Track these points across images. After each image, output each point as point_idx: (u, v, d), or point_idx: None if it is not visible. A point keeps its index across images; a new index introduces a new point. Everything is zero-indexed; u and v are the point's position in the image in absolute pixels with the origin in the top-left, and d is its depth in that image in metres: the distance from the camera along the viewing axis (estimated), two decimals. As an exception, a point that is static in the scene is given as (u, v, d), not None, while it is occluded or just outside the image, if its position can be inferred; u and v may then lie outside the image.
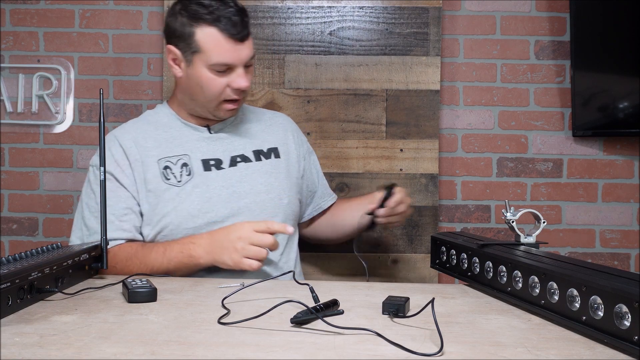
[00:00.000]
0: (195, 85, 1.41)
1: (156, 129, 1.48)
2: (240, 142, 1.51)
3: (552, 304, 0.91)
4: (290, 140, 1.59)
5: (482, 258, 1.14)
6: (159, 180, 1.41)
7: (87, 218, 1.41)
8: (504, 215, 1.21)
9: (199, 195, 1.40)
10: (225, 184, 1.43)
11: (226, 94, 1.41)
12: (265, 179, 1.47)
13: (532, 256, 1.03)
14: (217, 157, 1.46)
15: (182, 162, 1.43)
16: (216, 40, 1.35)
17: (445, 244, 1.29)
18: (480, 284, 1.14)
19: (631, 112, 1.96)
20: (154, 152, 1.44)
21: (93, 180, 1.43)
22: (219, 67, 1.37)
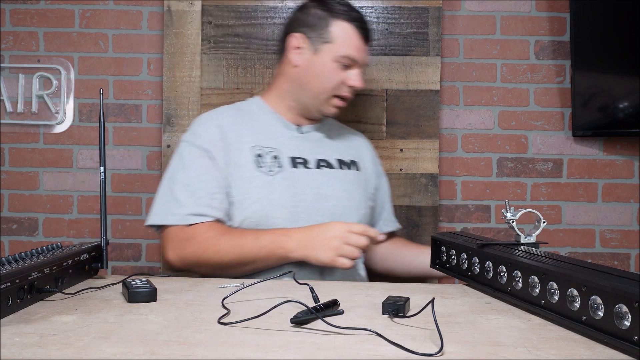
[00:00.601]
0: (314, 74, 1.46)
1: (250, 118, 1.50)
2: (325, 148, 1.54)
3: (552, 304, 0.91)
4: (367, 158, 1.63)
5: (482, 258, 1.13)
6: (252, 167, 1.42)
7: (176, 191, 1.39)
8: (504, 215, 1.21)
9: (288, 188, 1.42)
10: (311, 183, 1.45)
11: (340, 89, 1.46)
12: (347, 187, 1.50)
13: (532, 256, 1.03)
14: (305, 157, 1.49)
15: (273, 154, 1.45)
16: (350, 35, 1.44)
17: (445, 244, 1.29)
18: (480, 284, 1.14)
19: (631, 112, 1.96)
20: (248, 138, 1.45)
21: (187, 155, 1.43)
22: (345, 60, 1.44)
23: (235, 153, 1.43)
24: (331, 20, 1.44)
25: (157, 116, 2.05)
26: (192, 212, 1.37)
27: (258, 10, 1.96)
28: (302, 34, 1.47)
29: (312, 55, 1.46)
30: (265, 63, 1.95)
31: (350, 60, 1.44)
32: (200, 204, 1.37)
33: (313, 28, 1.46)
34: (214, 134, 1.44)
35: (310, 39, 1.46)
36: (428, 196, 1.97)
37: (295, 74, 1.49)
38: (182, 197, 1.38)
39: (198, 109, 1.94)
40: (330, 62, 1.44)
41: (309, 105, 1.49)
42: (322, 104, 1.48)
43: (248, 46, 1.96)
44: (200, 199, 1.37)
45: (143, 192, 2.06)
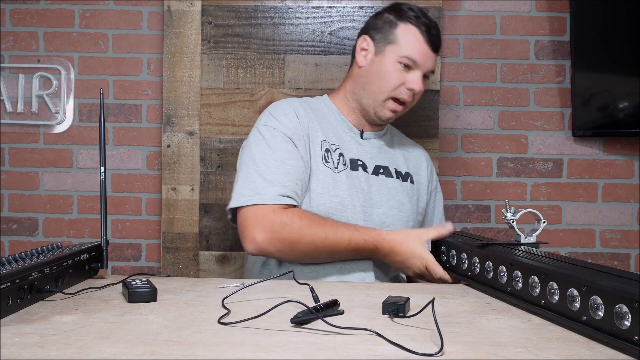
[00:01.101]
0: (375, 73, 1.47)
1: (319, 114, 1.52)
2: (384, 156, 1.55)
3: (552, 304, 0.91)
4: (423, 172, 1.62)
5: (482, 258, 1.14)
6: (319, 160, 1.43)
7: (264, 171, 1.36)
8: (504, 215, 1.21)
9: (349, 187, 1.44)
10: (367, 187, 1.47)
11: (399, 90, 1.46)
12: (400, 198, 1.51)
13: (532, 256, 1.03)
14: (364, 161, 1.50)
15: (339, 151, 1.47)
16: (414, 37, 1.46)
17: (446, 244, 1.29)
18: (481, 284, 1.14)
19: (631, 112, 1.96)
20: (319, 132, 1.46)
21: (271, 138, 1.41)
22: (406, 60, 1.44)
23: (308, 144, 1.44)
24: (398, 23, 1.47)
25: (157, 116, 2.05)
26: (282, 193, 1.34)
27: (258, 10, 1.96)
28: (369, 36, 1.51)
29: (375, 56, 1.48)
30: (265, 63, 1.95)
31: (411, 62, 1.45)
32: (289, 186, 1.35)
33: (380, 30, 1.49)
34: (294, 122, 1.44)
35: (376, 41, 1.49)
36: (428, 196, 1.96)
37: (359, 74, 1.51)
38: (272, 177, 1.35)
39: (198, 109, 1.94)
40: (391, 63, 1.45)
41: (367, 106, 1.50)
42: (379, 106, 1.48)
43: (248, 46, 1.96)
44: (290, 181, 1.36)
45: (143, 192, 2.06)
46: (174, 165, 1.95)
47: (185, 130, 1.95)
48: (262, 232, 1.31)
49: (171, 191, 1.95)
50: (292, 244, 1.32)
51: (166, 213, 1.94)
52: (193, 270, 1.94)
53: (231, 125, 1.95)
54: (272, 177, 1.35)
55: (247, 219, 1.34)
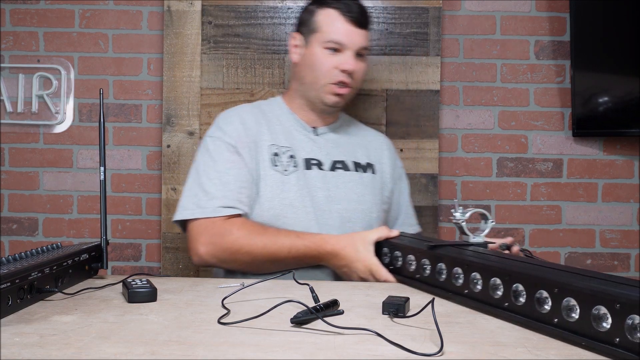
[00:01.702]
0: (307, 66, 1.48)
1: (270, 117, 1.52)
2: (342, 150, 1.54)
3: (517, 306, 0.88)
4: (385, 160, 1.62)
5: (433, 260, 1.09)
6: (268, 166, 1.44)
7: (205, 184, 1.40)
8: (452, 215, 1.18)
9: (301, 189, 1.43)
10: (323, 185, 1.46)
11: (333, 74, 1.46)
12: (360, 190, 1.50)
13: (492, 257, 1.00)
14: (319, 159, 1.50)
15: (289, 153, 1.47)
16: (333, 19, 1.45)
17: (389, 245, 1.25)
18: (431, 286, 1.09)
19: (631, 112, 1.96)
20: (267, 137, 1.47)
21: (214, 150, 1.44)
22: (332, 44, 1.45)
23: (255, 150, 1.45)
24: (317, 11, 1.48)
25: (157, 116, 2.05)
26: (223, 204, 1.37)
27: (258, 10, 1.96)
28: (298, 32, 1.53)
29: (305, 49, 1.50)
30: (265, 63, 1.95)
31: (337, 44, 1.45)
32: (230, 197, 1.38)
33: (304, 23, 1.51)
34: (239, 130, 1.46)
35: (303, 34, 1.51)
36: (428, 196, 1.96)
37: (296, 71, 1.53)
38: (212, 190, 1.38)
39: (198, 109, 1.94)
40: (319, 51, 1.46)
41: (312, 98, 1.50)
42: (320, 94, 1.48)
43: (248, 46, 1.96)
44: (231, 192, 1.38)
45: (143, 192, 2.06)
46: (174, 165, 1.95)
47: (185, 130, 1.95)
48: (204, 245, 1.35)
49: (171, 191, 1.95)
50: (232, 254, 1.34)
51: (166, 213, 1.94)
52: (193, 270, 1.94)
53: (231, 125, 1.95)
54: (213, 190, 1.38)
55: (190, 233, 1.38)
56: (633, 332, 0.70)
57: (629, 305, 0.71)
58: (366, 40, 1.49)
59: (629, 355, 0.70)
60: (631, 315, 0.70)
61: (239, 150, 1.43)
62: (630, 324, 0.70)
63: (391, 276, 1.24)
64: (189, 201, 1.40)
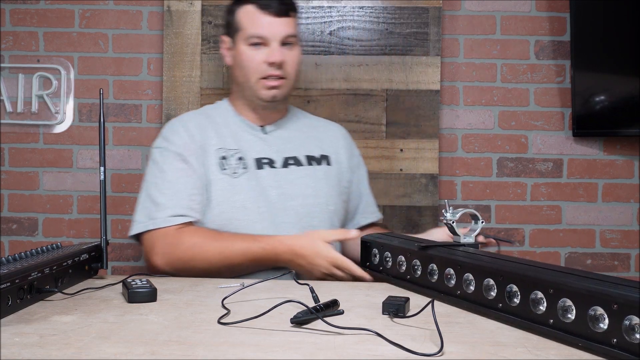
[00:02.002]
0: (238, 65, 1.49)
1: (216, 122, 1.52)
2: (292, 144, 1.53)
3: (512, 307, 0.88)
4: (341, 150, 1.61)
5: (424, 260, 1.09)
6: (216, 170, 1.44)
7: (154, 195, 1.41)
8: (443, 215, 1.18)
9: (252, 190, 1.43)
10: (275, 183, 1.46)
11: (262, 69, 1.45)
12: (315, 184, 1.49)
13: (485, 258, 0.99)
14: (270, 157, 1.49)
15: (238, 155, 1.46)
16: (252, 14, 1.45)
17: (378, 245, 1.24)
18: (423, 287, 1.09)
19: (631, 112, 1.96)
20: (214, 141, 1.47)
21: (161, 160, 1.45)
22: (254, 40, 1.44)
23: (201, 156, 1.44)
24: (236, 10, 1.48)
25: (157, 116, 2.04)
26: (174, 213, 1.37)
27: (258, 10, 1.95)
28: (225, 34, 1.54)
29: (234, 50, 1.50)
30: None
31: (259, 39, 1.44)
32: (180, 205, 1.38)
33: (228, 24, 1.52)
34: (184, 138, 1.46)
35: (230, 36, 1.51)
36: (428, 196, 1.96)
37: (232, 73, 1.55)
38: (163, 200, 1.39)
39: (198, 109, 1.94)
40: (244, 49, 1.46)
41: (249, 96, 1.50)
42: (255, 91, 1.47)
43: (248, 46, 1.96)
44: (181, 200, 1.38)
45: (143, 192, 2.06)
46: (174, 165, 1.95)
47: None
48: (158, 255, 1.35)
49: (171, 191, 1.94)
50: (187, 262, 1.33)
51: (166, 213, 1.93)
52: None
53: (231, 125, 1.95)
54: (163, 200, 1.39)
55: (144, 245, 1.40)
56: (631, 332, 0.70)
57: (627, 305, 0.70)
58: (291, 27, 1.46)
59: (626, 356, 0.70)
60: (629, 316, 0.70)
61: (187, 158, 1.43)
62: (627, 325, 0.70)
63: (365, 273, 1.25)
64: (140, 214, 1.41)
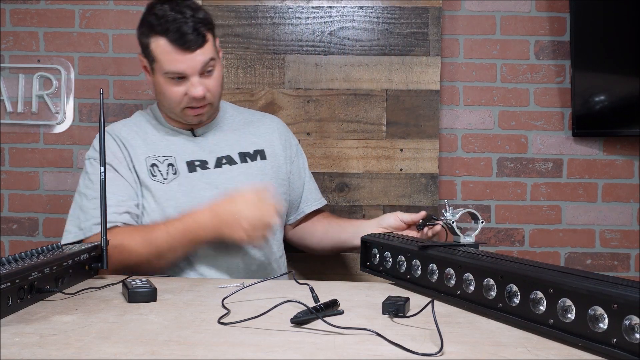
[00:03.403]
0: (159, 92, 1.47)
1: (145, 130, 1.52)
2: (225, 144, 1.53)
3: (512, 307, 0.88)
4: (276, 142, 1.59)
5: (424, 260, 1.09)
6: (146, 177, 1.43)
7: (84, 205, 1.41)
8: (443, 215, 1.18)
9: (185, 194, 1.43)
10: (210, 184, 1.45)
11: (185, 101, 1.43)
12: (249, 180, 1.49)
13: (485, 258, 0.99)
14: (202, 159, 1.49)
15: (168, 162, 1.46)
16: (166, 50, 1.38)
17: (378, 246, 1.24)
18: (423, 287, 1.09)
19: (631, 112, 1.96)
20: (142, 150, 1.47)
21: (91, 171, 1.45)
22: (172, 74, 1.40)
23: (134, 165, 1.44)
24: (150, 39, 1.41)
25: (157, 116, 2.04)
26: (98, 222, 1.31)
27: (258, 10, 1.96)
28: (142, 54, 1.48)
29: (152, 75, 1.47)
30: (265, 63, 1.95)
31: (175, 74, 1.40)
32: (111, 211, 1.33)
33: (144, 48, 1.45)
34: (112, 147, 1.45)
35: (147, 59, 1.46)
36: (428, 196, 1.96)
37: (153, 91, 1.53)
38: (90, 209, 1.39)
39: (198, 109, 1.94)
40: (164, 81, 1.42)
41: (176, 117, 1.49)
42: (181, 117, 1.47)
43: (248, 46, 1.96)
44: (111, 207, 1.33)
45: (143, 192, 2.06)
46: (174, 165, 1.95)
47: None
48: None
49: (171, 191, 1.94)
50: (121, 262, 1.30)
51: (166, 213, 1.94)
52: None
53: (231, 125, 1.95)
54: (91, 209, 1.38)
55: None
56: (631, 332, 0.70)
57: (627, 305, 0.70)
58: (208, 53, 1.41)
59: (626, 356, 0.70)
60: (629, 316, 0.70)
61: (115, 166, 1.43)
62: (627, 325, 0.70)
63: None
64: (71, 224, 1.41)
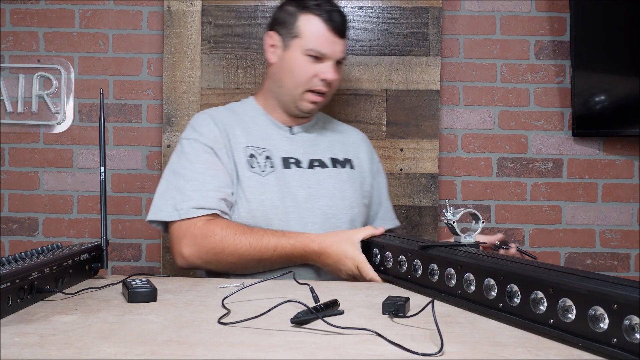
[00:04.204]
0: (287, 69, 1.47)
1: (243, 119, 1.52)
2: (318, 147, 1.54)
3: (512, 307, 0.88)
4: (363, 155, 1.62)
5: (425, 260, 1.09)
6: (245, 168, 1.43)
7: (180, 186, 1.38)
8: (444, 215, 1.18)
9: (280, 189, 1.43)
10: (303, 184, 1.46)
11: (313, 82, 1.45)
12: (341, 186, 1.50)
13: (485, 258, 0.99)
14: (297, 157, 1.50)
15: (265, 154, 1.46)
16: (316, 28, 1.43)
17: (379, 246, 1.24)
18: (423, 287, 1.09)
19: (631, 112, 1.96)
20: (242, 139, 1.47)
21: (190, 152, 1.43)
22: (313, 53, 1.43)
23: (232, 152, 1.44)
24: (299, 15, 1.45)
25: (157, 116, 2.05)
26: (199, 205, 1.35)
27: (258, 10, 1.96)
28: (275, 32, 1.50)
29: (284, 52, 1.47)
30: (265, 63, 1.94)
31: (318, 53, 1.43)
32: (208, 197, 1.36)
33: (284, 25, 1.47)
34: (214, 131, 1.45)
35: (282, 36, 1.48)
36: (428, 196, 1.96)
37: (272, 72, 1.52)
38: (190, 191, 1.37)
39: (198, 109, 1.94)
40: (300, 57, 1.44)
41: (287, 102, 1.50)
42: (297, 100, 1.48)
43: (248, 46, 1.96)
44: (207, 192, 1.37)
45: (143, 192, 2.06)
46: (174, 165, 1.95)
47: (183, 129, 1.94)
48: (187, 247, 1.34)
49: (171, 191, 1.94)
50: (216, 255, 1.33)
51: (166, 213, 1.93)
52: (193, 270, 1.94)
53: (231, 125, 1.95)
54: (191, 191, 1.37)
55: (172, 235, 1.38)
56: (631, 332, 0.70)
57: (627, 305, 0.70)
58: (345, 49, 1.49)
59: (627, 356, 0.70)
60: (629, 316, 0.70)
61: (216, 151, 1.43)
62: (628, 325, 0.70)
63: (377, 275, 1.24)
64: (165, 203, 1.38)
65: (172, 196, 1.38)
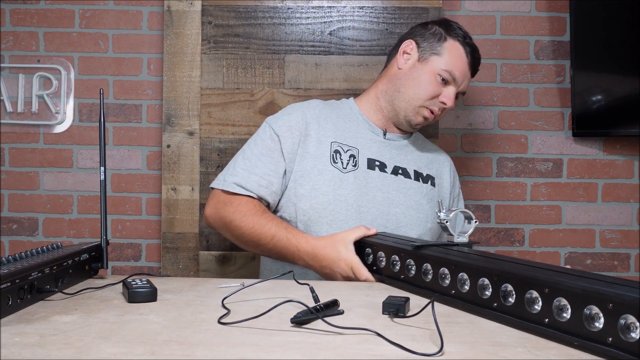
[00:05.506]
0: (414, 79, 1.51)
1: (338, 116, 1.55)
2: (406, 157, 1.56)
3: (507, 307, 0.88)
4: (446, 177, 1.63)
5: (418, 260, 1.09)
6: (327, 161, 1.47)
7: (238, 162, 1.48)
8: (437, 215, 1.18)
9: (358, 187, 1.46)
10: (383, 187, 1.48)
11: (432, 102, 1.50)
12: (419, 199, 1.52)
13: (478, 258, 0.99)
14: (383, 161, 1.52)
15: (350, 152, 1.49)
16: (459, 55, 1.50)
17: (372, 245, 1.24)
18: (417, 287, 1.08)
19: (631, 112, 1.96)
20: (330, 133, 1.50)
21: (261, 133, 1.51)
22: (447, 75, 1.48)
23: (313, 145, 1.47)
24: (448, 38, 1.51)
25: (157, 116, 2.05)
26: (238, 182, 1.44)
27: (258, 10, 1.96)
28: (415, 42, 1.54)
29: (417, 62, 1.52)
30: (265, 63, 1.95)
31: (450, 77, 1.48)
32: (251, 180, 1.43)
33: (427, 40, 1.52)
34: (293, 122, 1.49)
35: (421, 48, 1.52)
36: (428, 196, 1.96)
37: (397, 76, 1.54)
38: (239, 168, 1.46)
39: (198, 109, 1.94)
40: (432, 73, 1.49)
41: (399, 109, 1.52)
42: (412, 111, 1.51)
43: (248, 46, 1.96)
44: (253, 174, 1.44)
45: (143, 192, 2.06)
46: (174, 166, 1.95)
47: (185, 130, 1.95)
48: (209, 208, 1.47)
49: (171, 191, 1.95)
50: (226, 224, 1.42)
51: (166, 213, 1.94)
52: (193, 270, 1.94)
53: (231, 125, 1.95)
54: (240, 168, 1.46)
55: (209, 196, 1.51)
56: (626, 331, 0.70)
57: (623, 304, 0.70)
58: (468, 86, 1.56)
59: (622, 354, 0.70)
60: (624, 315, 0.70)
61: (282, 141, 1.47)
62: (623, 324, 0.70)
63: (371, 276, 1.24)
64: (222, 173, 1.50)
65: (228, 167, 1.50)
